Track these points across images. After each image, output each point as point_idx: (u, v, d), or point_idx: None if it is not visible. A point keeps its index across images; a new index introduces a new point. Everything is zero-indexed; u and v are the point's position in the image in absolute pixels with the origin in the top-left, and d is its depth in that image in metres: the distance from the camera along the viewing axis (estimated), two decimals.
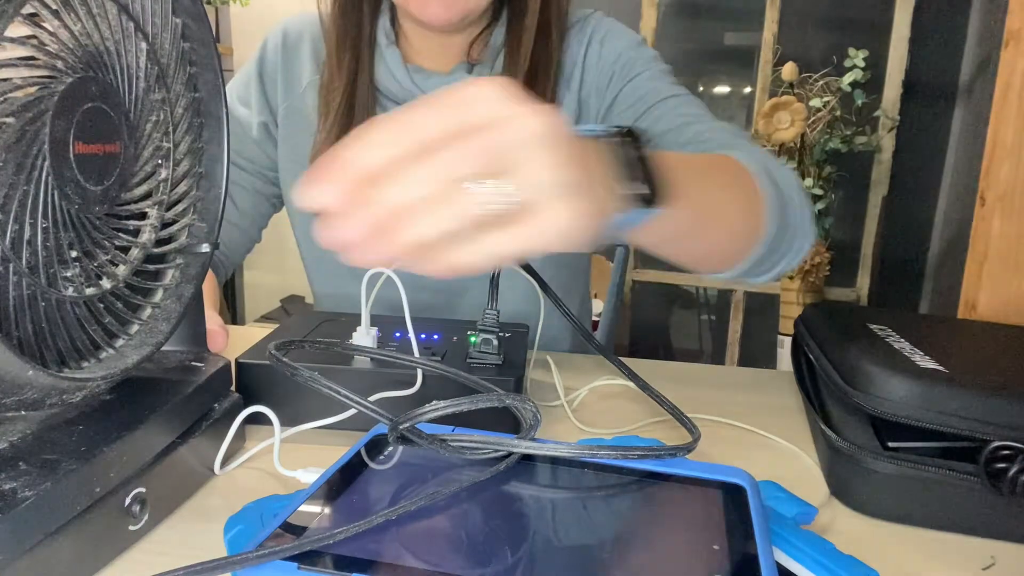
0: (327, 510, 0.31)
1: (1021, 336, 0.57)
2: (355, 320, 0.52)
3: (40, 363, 0.31)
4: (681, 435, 0.51)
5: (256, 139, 0.79)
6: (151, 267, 0.39)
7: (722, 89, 2.20)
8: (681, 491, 0.34)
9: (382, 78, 0.72)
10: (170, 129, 0.39)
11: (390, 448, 0.37)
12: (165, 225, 0.40)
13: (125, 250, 0.37)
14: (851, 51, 1.79)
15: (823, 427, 0.45)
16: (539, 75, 0.70)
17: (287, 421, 0.47)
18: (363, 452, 0.37)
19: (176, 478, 0.38)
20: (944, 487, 0.39)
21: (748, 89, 2.17)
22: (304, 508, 0.31)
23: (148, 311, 0.39)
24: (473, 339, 0.53)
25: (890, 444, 0.42)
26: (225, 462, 0.43)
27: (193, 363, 0.43)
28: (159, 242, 0.39)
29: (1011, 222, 0.71)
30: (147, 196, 0.38)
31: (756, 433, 0.53)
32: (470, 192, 0.26)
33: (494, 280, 0.53)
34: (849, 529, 0.40)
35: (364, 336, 0.50)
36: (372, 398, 0.47)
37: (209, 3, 2.04)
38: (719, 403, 0.58)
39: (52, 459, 0.31)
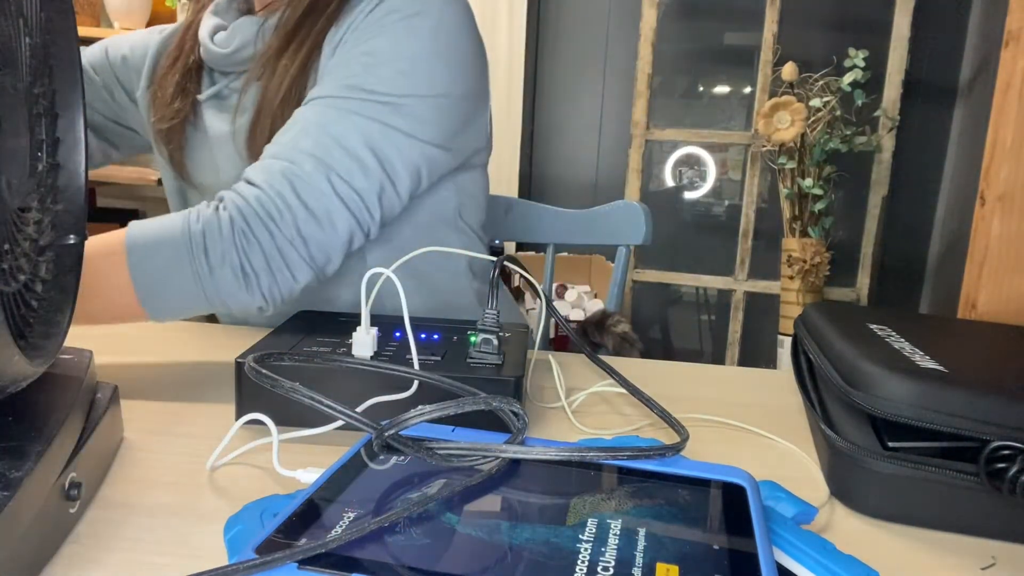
0: (327, 510, 0.31)
1: (1021, 336, 0.57)
2: (355, 320, 0.52)
3: None
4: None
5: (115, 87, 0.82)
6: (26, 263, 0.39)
7: (722, 89, 2.20)
8: (681, 491, 0.34)
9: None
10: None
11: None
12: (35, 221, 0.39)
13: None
14: (851, 51, 1.79)
15: (823, 427, 0.45)
16: (306, 29, 0.70)
17: (289, 420, 0.47)
18: (362, 452, 0.37)
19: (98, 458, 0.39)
20: (944, 487, 0.39)
21: (748, 89, 2.17)
22: (304, 508, 0.31)
23: (36, 304, 0.39)
24: (473, 339, 0.53)
25: (890, 444, 0.42)
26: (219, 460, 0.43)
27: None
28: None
29: (1011, 222, 0.71)
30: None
31: (756, 433, 0.53)
32: None
33: (493, 280, 0.53)
34: (849, 529, 0.40)
35: (363, 336, 0.50)
36: (365, 404, 0.47)
37: None
38: (719, 403, 0.58)
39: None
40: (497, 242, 1.60)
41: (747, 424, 0.54)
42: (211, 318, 0.88)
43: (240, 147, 0.72)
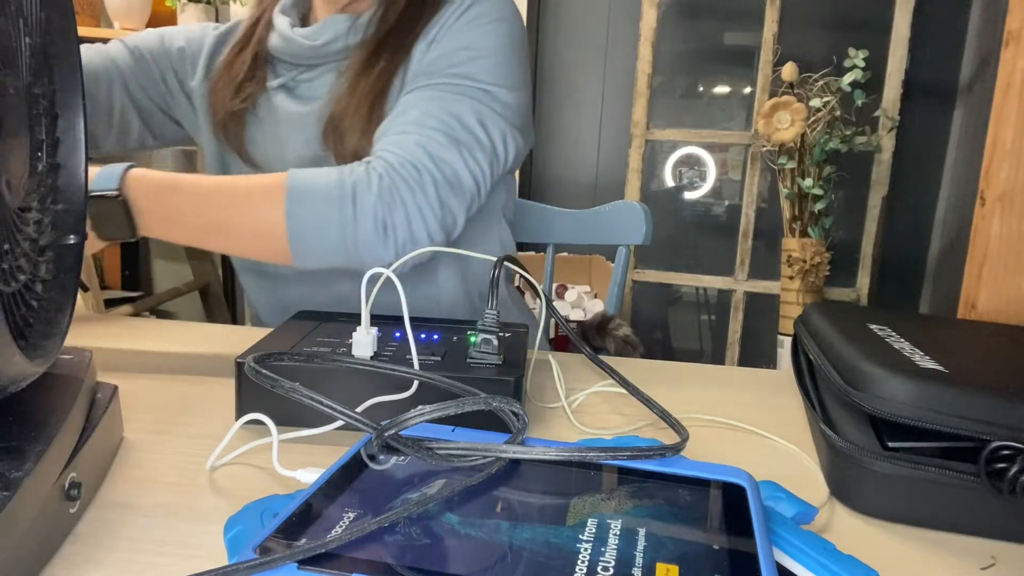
0: (327, 510, 0.31)
1: (1021, 336, 0.57)
2: (355, 320, 0.52)
3: None
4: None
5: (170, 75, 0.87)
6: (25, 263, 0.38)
7: (722, 89, 2.20)
8: (681, 491, 0.34)
9: (271, 36, 0.83)
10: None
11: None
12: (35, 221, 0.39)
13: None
14: (851, 51, 1.79)
15: (823, 427, 0.45)
16: (403, 31, 0.77)
17: (290, 420, 0.47)
18: (362, 452, 0.37)
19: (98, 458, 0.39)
20: (944, 487, 0.39)
21: (748, 89, 2.17)
22: (304, 508, 0.31)
23: (36, 304, 0.39)
24: (473, 339, 0.53)
25: (890, 444, 0.42)
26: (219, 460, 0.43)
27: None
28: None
29: (1011, 222, 0.71)
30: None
31: (756, 433, 0.53)
32: None
33: (493, 280, 0.53)
34: (849, 529, 0.40)
35: (363, 337, 0.50)
36: (365, 404, 0.47)
37: (209, 3, 2.04)
38: (719, 403, 0.58)
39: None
40: None
41: (747, 424, 0.54)
42: (210, 317, 0.89)
43: (319, 130, 0.78)
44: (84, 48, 0.82)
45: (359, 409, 0.43)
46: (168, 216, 0.64)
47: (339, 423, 0.45)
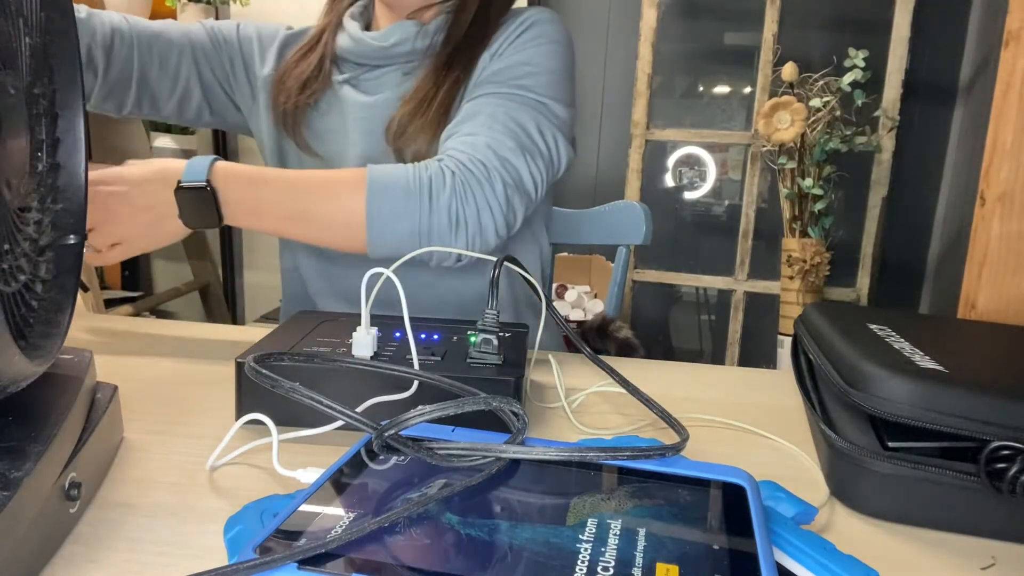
0: (327, 510, 0.31)
1: (1021, 336, 0.57)
2: (355, 320, 0.52)
3: None
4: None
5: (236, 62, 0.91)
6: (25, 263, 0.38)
7: (722, 89, 2.20)
8: (681, 491, 0.34)
9: (340, 38, 0.89)
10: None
11: None
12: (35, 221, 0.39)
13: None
14: (851, 51, 1.79)
15: (823, 427, 0.45)
16: (473, 43, 0.82)
17: (289, 420, 0.47)
18: (362, 452, 0.37)
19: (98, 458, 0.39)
20: (944, 487, 0.39)
21: (748, 89, 2.17)
22: (304, 508, 0.31)
23: (36, 304, 0.39)
24: (473, 339, 0.53)
25: (890, 444, 0.42)
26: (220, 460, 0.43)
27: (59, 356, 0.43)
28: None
29: (1011, 222, 0.71)
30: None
31: (756, 433, 0.53)
32: None
33: (494, 280, 0.53)
34: (849, 529, 0.40)
35: (363, 337, 0.50)
36: (365, 404, 0.47)
37: (209, 3, 2.04)
38: (719, 403, 0.58)
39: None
40: None
41: (747, 424, 0.54)
42: (210, 317, 0.89)
43: (384, 123, 0.82)
44: (165, 21, 0.89)
45: (359, 409, 0.43)
46: (254, 207, 0.68)
47: (339, 423, 0.45)
